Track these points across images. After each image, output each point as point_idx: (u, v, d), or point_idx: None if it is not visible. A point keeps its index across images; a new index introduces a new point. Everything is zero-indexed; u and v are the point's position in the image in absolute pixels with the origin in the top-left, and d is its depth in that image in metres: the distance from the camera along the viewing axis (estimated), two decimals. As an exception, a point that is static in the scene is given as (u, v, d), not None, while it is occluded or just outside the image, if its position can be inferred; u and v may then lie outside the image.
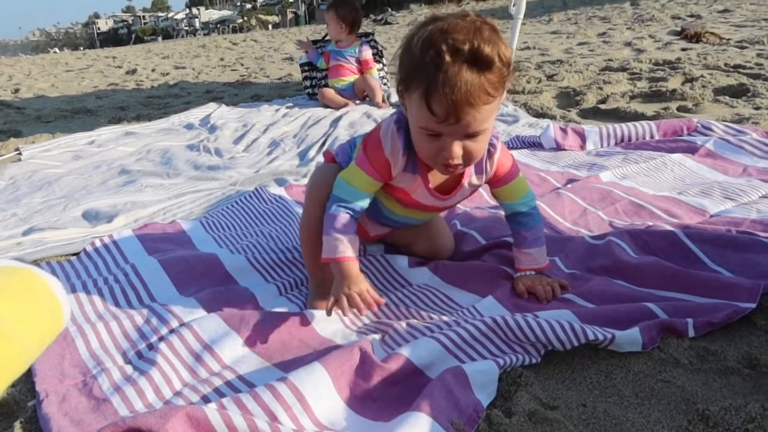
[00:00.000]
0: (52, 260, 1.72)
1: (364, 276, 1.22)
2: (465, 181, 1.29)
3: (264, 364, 1.13)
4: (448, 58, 1.01)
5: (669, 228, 1.49)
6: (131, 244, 1.74)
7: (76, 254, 1.74)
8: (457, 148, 1.10)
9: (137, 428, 0.84)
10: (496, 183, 1.34)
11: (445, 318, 1.22)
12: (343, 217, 1.24)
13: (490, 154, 1.27)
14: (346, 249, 1.21)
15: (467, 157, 1.13)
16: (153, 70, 8.11)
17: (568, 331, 1.06)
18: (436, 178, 1.27)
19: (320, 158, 2.65)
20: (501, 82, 1.06)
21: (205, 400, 1.03)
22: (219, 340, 1.17)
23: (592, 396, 1.00)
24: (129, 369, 1.13)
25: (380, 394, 1.01)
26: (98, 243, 1.76)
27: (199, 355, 1.15)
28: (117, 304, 1.40)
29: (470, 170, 1.28)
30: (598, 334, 1.06)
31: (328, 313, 1.19)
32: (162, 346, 1.17)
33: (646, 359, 1.07)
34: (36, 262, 1.69)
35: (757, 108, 2.90)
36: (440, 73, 1.02)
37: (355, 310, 1.16)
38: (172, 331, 1.23)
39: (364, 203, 1.27)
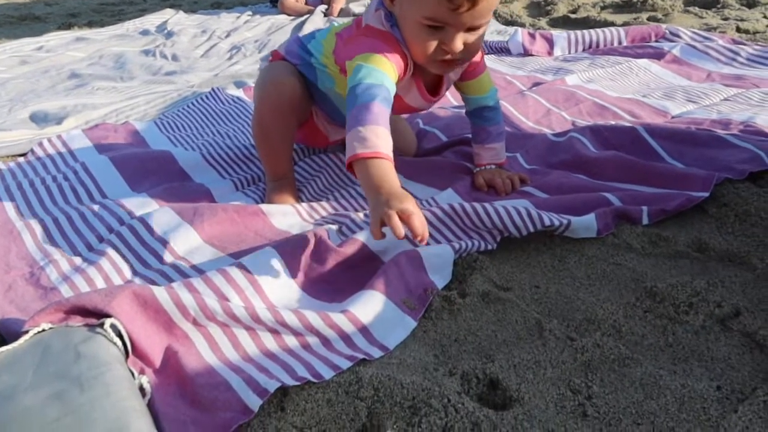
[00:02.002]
0: (-3, 161, 1.64)
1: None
2: (446, 80, 1.25)
3: (218, 255, 1.11)
4: None
5: (630, 125, 1.48)
6: (81, 143, 1.66)
7: (23, 155, 1.67)
8: (459, 41, 1.04)
9: (82, 307, 0.82)
10: (466, 76, 1.29)
11: (403, 209, 1.20)
12: (380, 106, 0.98)
13: None
14: (386, 144, 0.96)
15: (467, 51, 1.07)
16: (106, -22, 7.59)
17: (524, 216, 1.06)
18: (425, 78, 1.21)
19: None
20: None
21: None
22: (172, 232, 1.14)
23: (545, 278, 1.01)
24: (78, 260, 1.10)
25: (335, 277, 1.00)
26: (46, 143, 1.68)
27: (151, 247, 1.12)
28: (66, 201, 1.35)
29: None
30: (554, 220, 1.06)
31: (378, 237, 0.90)
32: (112, 237, 1.13)
33: (600, 245, 1.09)
34: (-21, 163, 1.62)
35: (726, 18, 2.87)
36: None
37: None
38: (123, 224, 1.19)
39: (393, 92, 1.04)
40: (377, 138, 0.95)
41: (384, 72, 1.04)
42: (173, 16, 3.74)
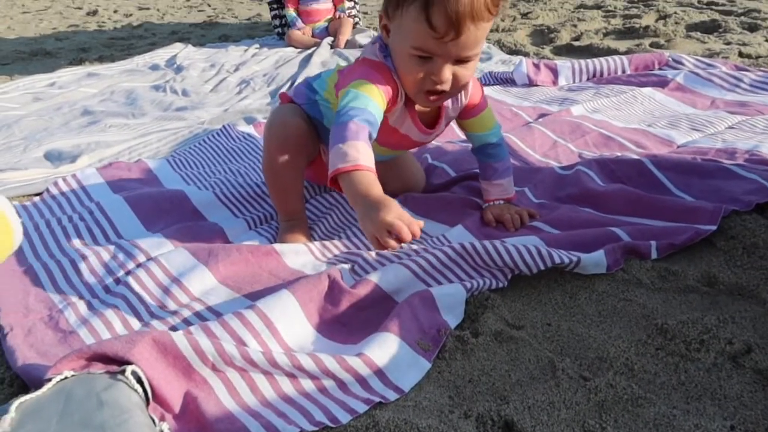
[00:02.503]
0: (13, 201, 1.67)
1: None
2: (444, 114, 1.27)
3: (233, 296, 1.13)
4: None
5: (636, 157, 1.50)
6: (96, 182, 1.70)
7: (39, 194, 1.70)
8: (447, 72, 1.07)
9: (103, 354, 0.83)
10: (467, 114, 1.32)
11: (414, 246, 1.22)
12: (358, 124, 1.02)
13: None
14: (367, 157, 0.98)
15: (455, 84, 1.10)
16: (115, 11, 7.75)
17: (534, 254, 1.07)
18: (420, 112, 1.24)
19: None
20: (498, 2, 1.03)
21: (174, 330, 1.02)
22: (187, 273, 1.16)
23: (556, 316, 1.02)
24: (96, 303, 1.12)
25: (349, 318, 1.02)
26: (61, 182, 1.71)
27: (167, 288, 1.14)
28: (82, 242, 1.38)
29: (448, 101, 1.25)
30: (564, 258, 1.08)
31: (381, 249, 0.94)
32: (129, 279, 1.15)
33: (610, 280, 1.10)
34: (-3, 203, 1.65)
35: (728, 43, 2.91)
36: None
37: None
38: (139, 265, 1.21)
39: (379, 117, 1.07)
40: (357, 152, 0.98)
41: (369, 97, 1.07)
42: (182, 50, 3.81)
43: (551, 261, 1.07)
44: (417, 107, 1.23)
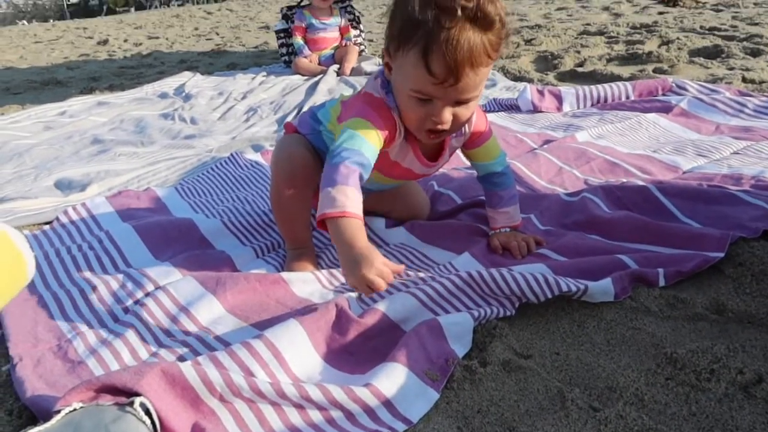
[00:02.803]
0: (24, 229, 1.69)
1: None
2: (447, 147, 1.29)
3: (241, 325, 1.13)
4: (452, 15, 0.97)
5: (642, 183, 1.51)
6: (105, 211, 1.71)
7: (49, 223, 1.72)
8: (447, 114, 1.08)
9: (112, 386, 0.84)
10: (471, 143, 1.33)
11: (421, 275, 1.23)
12: (348, 167, 1.04)
13: None
14: (354, 204, 1.01)
15: (455, 124, 1.11)
16: (125, 41, 7.91)
17: (542, 283, 1.07)
18: (422, 145, 1.25)
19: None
20: (499, 45, 1.03)
21: (182, 360, 1.03)
22: (195, 302, 1.17)
23: (564, 344, 1.02)
24: (104, 332, 1.13)
25: (357, 348, 1.01)
26: (71, 211, 1.73)
27: (175, 317, 1.14)
28: (91, 271, 1.39)
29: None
30: (572, 286, 1.08)
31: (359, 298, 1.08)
32: (138, 309, 1.16)
33: (618, 308, 1.09)
34: (7, 232, 1.67)
35: (731, 68, 2.93)
36: (443, 30, 0.97)
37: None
38: (147, 294, 1.22)
39: (372, 158, 1.09)
40: (345, 197, 1.01)
41: (364, 138, 1.09)
42: (190, 78, 3.87)
43: (558, 289, 1.07)
44: (420, 142, 1.24)
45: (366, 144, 1.08)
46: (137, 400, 0.81)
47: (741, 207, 1.34)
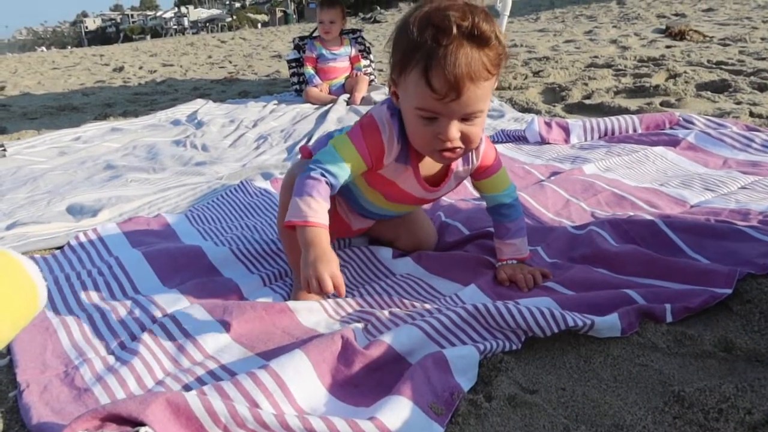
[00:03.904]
0: (35, 254, 1.71)
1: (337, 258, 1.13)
2: (453, 173, 1.30)
3: (247, 354, 1.14)
4: (448, 32, 1.02)
5: (649, 218, 1.51)
6: (115, 237, 1.73)
7: (60, 248, 1.74)
8: (455, 130, 1.10)
9: (117, 415, 0.84)
10: (480, 175, 1.34)
11: (427, 306, 1.23)
12: (318, 180, 1.16)
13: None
14: (316, 213, 1.13)
15: (465, 141, 1.13)
16: (140, 68, 8.07)
17: (548, 317, 1.07)
18: (426, 169, 1.27)
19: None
20: (498, 61, 1.08)
21: (187, 388, 1.03)
22: (202, 330, 1.17)
23: (571, 380, 1.01)
24: (111, 359, 1.13)
25: (361, 380, 1.01)
26: (82, 236, 1.75)
27: (181, 345, 1.15)
28: (100, 296, 1.40)
29: (458, 161, 1.28)
30: (578, 321, 1.07)
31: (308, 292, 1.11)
32: (144, 336, 1.17)
33: (625, 344, 1.09)
34: (19, 256, 1.69)
35: (738, 103, 2.94)
36: (441, 48, 1.03)
37: (327, 295, 1.10)
38: (155, 321, 1.23)
39: (343, 178, 1.19)
40: (308, 208, 1.13)
41: (340, 157, 1.19)
42: (203, 106, 3.94)
43: (565, 324, 1.07)
44: (424, 163, 1.26)
45: (339, 161, 1.18)
46: (142, 430, 0.81)
47: (749, 243, 1.34)
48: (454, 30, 1.02)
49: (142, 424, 0.82)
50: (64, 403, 1.01)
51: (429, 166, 1.28)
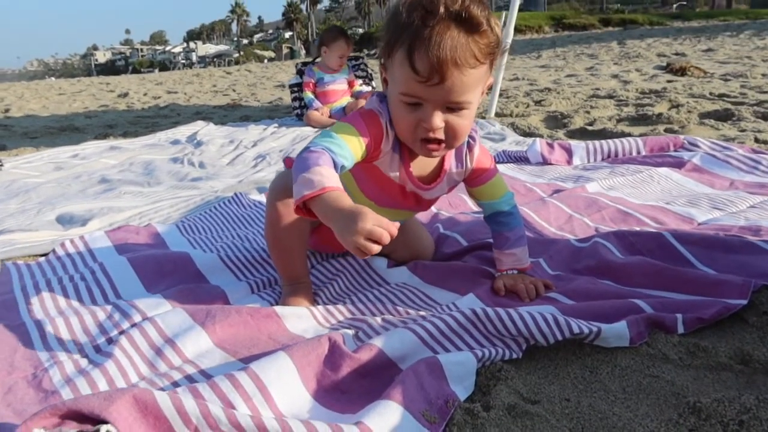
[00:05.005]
0: (19, 260, 1.65)
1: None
2: (446, 174, 1.25)
3: (228, 359, 1.06)
4: (436, 14, 0.99)
5: (656, 230, 1.45)
6: (102, 244, 1.68)
7: (46, 255, 1.68)
8: (438, 119, 1.06)
9: (78, 412, 0.76)
10: (475, 181, 1.29)
11: (422, 314, 1.16)
12: (322, 153, 1.01)
13: (469, 147, 1.24)
14: (329, 179, 0.96)
15: (450, 133, 1.08)
16: (145, 94, 8.13)
17: (551, 323, 1.00)
18: (417, 166, 1.22)
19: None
20: (489, 50, 1.03)
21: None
22: (182, 335, 1.10)
23: (576, 391, 0.94)
24: (84, 362, 1.06)
25: (349, 386, 0.94)
26: (68, 243, 1.69)
27: (160, 349, 1.07)
28: (80, 301, 1.33)
29: (451, 160, 1.23)
30: (583, 327, 1.00)
31: (363, 256, 0.93)
32: (122, 339, 1.09)
33: (634, 355, 1.01)
34: (2, 262, 1.63)
35: (743, 130, 2.91)
36: (426, 29, 0.99)
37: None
38: (134, 325, 1.15)
39: (347, 159, 1.06)
40: (320, 176, 0.96)
41: (341, 138, 1.07)
42: (204, 127, 3.93)
43: (569, 331, 0.99)
44: (414, 162, 1.21)
45: (339, 140, 1.06)
46: (104, 429, 0.74)
47: (761, 256, 1.27)
48: (441, 10, 0.99)
49: (105, 423, 0.75)
50: (28, 405, 0.94)
51: (421, 164, 1.23)
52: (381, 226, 0.89)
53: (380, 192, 1.25)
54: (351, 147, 1.08)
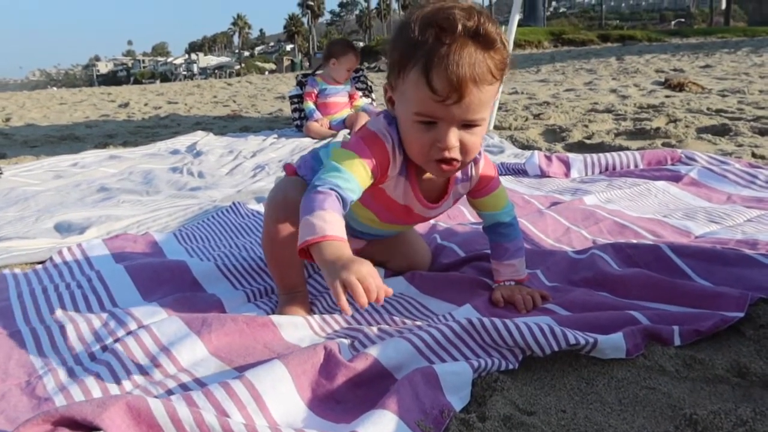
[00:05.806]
0: (15, 268, 1.64)
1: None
2: (452, 190, 1.25)
3: (224, 368, 1.06)
4: (452, 31, 0.97)
5: (653, 243, 1.45)
6: (99, 252, 1.67)
7: (42, 263, 1.67)
8: (453, 137, 1.04)
9: (71, 419, 0.76)
10: (479, 192, 1.29)
11: (418, 323, 1.15)
12: (327, 194, 1.01)
13: (475, 161, 1.23)
14: (333, 227, 0.96)
15: (464, 152, 1.06)
16: (145, 104, 8.16)
17: (547, 334, 1.00)
18: (425, 187, 1.21)
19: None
20: (502, 66, 1.02)
21: (155, 400, 0.95)
22: (178, 343, 1.10)
23: (572, 402, 0.93)
24: (78, 370, 1.05)
25: (344, 396, 0.93)
26: (65, 251, 1.69)
27: (155, 357, 1.07)
28: (76, 309, 1.33)
29: (456, 176, 1.23)
30: (580, 338, 1.00)
31: (345, 309, 0.91)
32: (117, 347, 1.09)
33: (630, 366, 1.01)
34: (-2, 269, 1.62)
35: (740, 145, 2.92)
36: (443, 46, 0.97)
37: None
38: (129, 333, 1.15)
39: (355, 193, 1.06)
40: (323, 222, 0.97)
41: (348, 171, 1.06)
42: (203, 137, 3.94)
43: (566, 341, 0.99)
44: (424, 177, 1.20)
45: (349, 176, 1.06)
46: (96, 436, 0.73)
47: (758, 269, 1.27)
48: (459, 28, 0.97)
49: (98, 430, 0.74)
50: (21, 412, 0.93)
51: (428, 184, 1.22)
52: (364, 283, 0.89)
53: (384, 210, 1.24)
54: (358, 178, 1.07)
